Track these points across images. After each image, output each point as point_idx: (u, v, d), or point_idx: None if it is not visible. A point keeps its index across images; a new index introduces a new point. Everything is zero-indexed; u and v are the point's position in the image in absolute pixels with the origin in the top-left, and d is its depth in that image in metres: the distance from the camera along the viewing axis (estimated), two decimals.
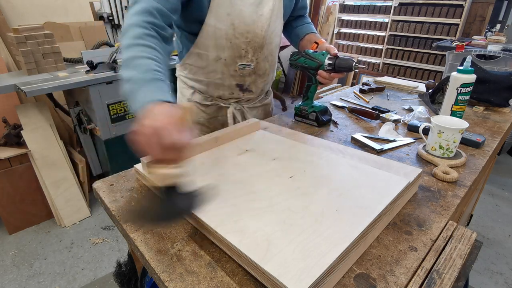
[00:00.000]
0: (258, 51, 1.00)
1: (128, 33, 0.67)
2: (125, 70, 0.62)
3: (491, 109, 1.22)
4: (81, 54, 2.17)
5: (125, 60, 0.64)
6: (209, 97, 1.06)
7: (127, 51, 0.64)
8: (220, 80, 1.02)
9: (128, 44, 0.65)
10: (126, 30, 0.68)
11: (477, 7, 3.39)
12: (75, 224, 2.09)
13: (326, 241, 0.48)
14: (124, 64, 0.64)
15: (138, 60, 0.63)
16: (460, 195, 0.68)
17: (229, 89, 1.05)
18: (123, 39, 0.67)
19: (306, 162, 0.73)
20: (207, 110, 1.09)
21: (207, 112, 1.09)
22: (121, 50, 0.66)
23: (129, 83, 0.60)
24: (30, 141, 1.91)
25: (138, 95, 0.57)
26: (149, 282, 0.84)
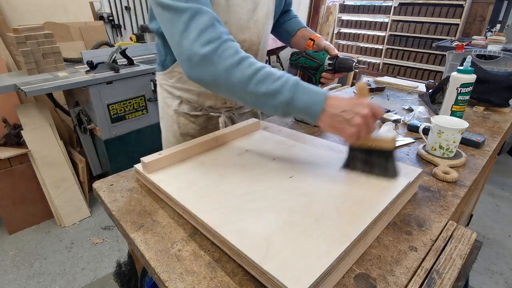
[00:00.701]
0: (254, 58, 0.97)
1: (226, 53, 0.62)
2: (263, 83, 0.60)
3: (491, 109, 1.22)
4: (81, 54, 2.17)
5: (252, 75, 0.60)
6: (199, 107, 0.99)
7: (243, 68, 0.61)
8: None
9: (235, 62, 0.61)
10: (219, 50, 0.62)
11: (477, 7, 3.39)
12: (75, 224, 2.09)
13: (326, 241, 0.48)
14: (237, 60, 0.61)
15: (266, 70, 0.61)
16: (460, 195, 0.68)
17: (223, 98, 0.99)
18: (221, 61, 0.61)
19: (306, 162, 0.73)
20: (197, 121, 1.01)
21: (197, 122, 1.01)
22: (228, 71, 0.61)
23: (271, 79, 0.60)
24: (30, 141, 1.91)
25: (306, 96, 0.59)
26: (149, 282, 0.84)
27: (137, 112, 2.16)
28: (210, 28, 0.63)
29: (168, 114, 1.01)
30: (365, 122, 0.60)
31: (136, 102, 2.13)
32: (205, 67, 0.62)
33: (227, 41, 0.63)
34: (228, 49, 0.62)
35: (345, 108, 0.59)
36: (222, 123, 1.02)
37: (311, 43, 0.99)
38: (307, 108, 0.60)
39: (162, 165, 0.72)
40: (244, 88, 0.61)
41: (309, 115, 0.61)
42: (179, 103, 0.98)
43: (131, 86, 2.07)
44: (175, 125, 1.01)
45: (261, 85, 0.60)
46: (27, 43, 1.90)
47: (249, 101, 0.63)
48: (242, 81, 0.61)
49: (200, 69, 0.63)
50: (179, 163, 0.74)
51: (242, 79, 0.61)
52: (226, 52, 0.61)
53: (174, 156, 0.74)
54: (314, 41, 0.99)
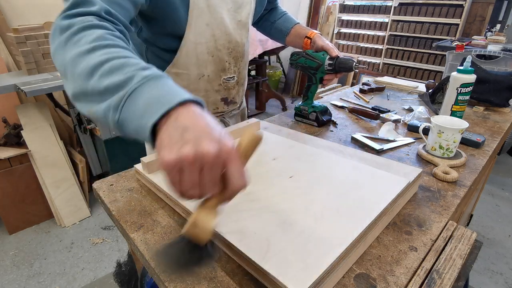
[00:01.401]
0: (240, 60, 0.92)
1: (81, 38, 0.47)
2: (96, 53, 0.44)
3: (491, 109, 1.22)
4: None
5: (91, 43, 0.46)
6: None
7: (84, 57, 0.45)
8: (204, 97, 0.91)
9: (85, 50, 0.46)
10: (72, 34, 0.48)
11: (477, 7, 3.39)
12: (75, 224, 2.09)
13: (326, 241, 0.48)
14: (89, 48, 0.45)
15: (116, 48, 0.46)
16: (460, 195, 0.68)
17: (214, 104, 0.96)
18: (69, 46, 0.47)
19: (306, 162, 0.73)
20: None
21: None
22: (69, 60, 0.46)
23: (112, 93, 0.41)
24: (30, 141, 1.91)
25: (148, 95, 0.39)
26: (149, 282, 0.84)
27: None
28: (80, 14, 0.52)
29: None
30: (194, 160, 0.33)
31: None
32: (57, 55, 0.49)
33: (92, 27, 0.49)
34: (88, 35, 0.47)
35: (186, 126, 0.36)
36: None
37: (308, 42, 0.98)
38: (147, 109, 0.38)
39: None
40: (86, 81, 0.43)
41: (145, 119, 0.38)
42: None
43: None
44: None
45: (106, 77, 0.42)
46: (27, 43, 1.90)
47: (92, 99, 0.44)
48: (86, 71, 0.44)
49: (54, 57, 0.50)
50: None
51: (86, 68, 0.44)
52: (84, 38, 0.47)
53: None
54: (311, 39, 0.97)
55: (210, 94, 0.92)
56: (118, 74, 0.41)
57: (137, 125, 0.38)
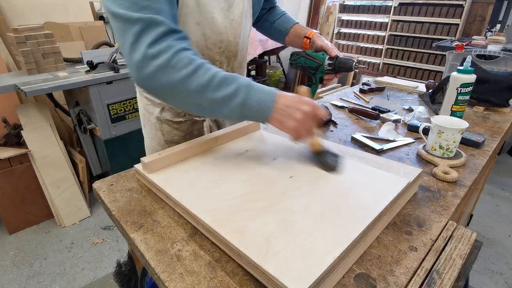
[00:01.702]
0: (233, 59, 0.92)
1: (179, 63, 0.61)
2: (220, 89, 0.61)
3: (491, 109, 1.22)
4: (81, 54, 2.17)
5: (209, 82, 0.61)
6: (182, 112, 0.95)
7: (192, 78, 0.61)
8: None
9: (191, 71, 0.61)
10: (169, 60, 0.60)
11: (477, 7, 3.39)
12: (75, 224, 2.09)
13: (326, 241, 0.48)
14: (192, 70, 0.61)
15: (207, 65, 0.63)
16: (460, 195, 0.68)
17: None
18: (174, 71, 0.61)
19: (306, 162, 0.73)
20: (181, 127, 0.97)
21: (181, 129, 0.97)
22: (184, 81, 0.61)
23: (226, 83, 0.61)
24: (30, 141, 1.91)
25: (255, 96, 0.62)
26: (149, 282, 0.84)
27: (137, 112, 2.16)
28: (160, 40, 0.61)
29: (150, 122, 0.98)
30: (305, 118, 0.63)
31: (136, 102, 2.13)
32: (157, 79, 0.61)
33: (179, 52, 0.61)
34: (181, 60, 0.61)
35: (289, 104, 0.63)
36: (207, 127, 0.99)
37: (307, 42, 0.98)
38: (260, 108, 0.63)
39: (162, 165, 0.72)
40: (201, 95, 0.61)
41: (262, 113, 0.63)
42: (160, 110, 0.94)
43: (131, 86, 2.07)
44: (159, 133, 0.98)
45: (219, 91, 0.61)
46: (27, 43, 1.90)
47: (207, 107, 0.63)
48: (199, 88, 0.61)
49: (152, 81, 0.62)
50: (179, 163, 0.74)
51: (198, 87, 0.61)
52: (179, 63, 0.61)
53: (174, 156, 0.74)
54: (310, 39, 0.97)
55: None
56: (226, 87, 0.61)
57: (255, 119, 0.65)
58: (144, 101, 0.97)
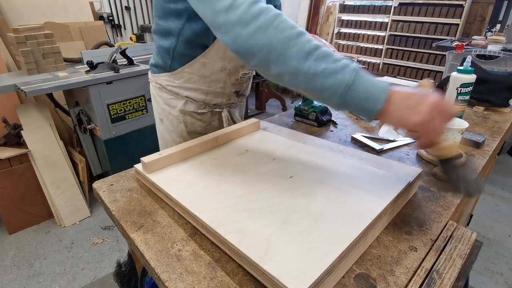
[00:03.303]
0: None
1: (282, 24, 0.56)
2: (323, 61, 0.55)
3: (491, 109, 1.22)
4: (81, 54, 2.17)
5: (312, 50, 0.55)
6: (203, 104, 1.01)
7: (295, 42, 0.55)
8: (221, 89, 0.99)
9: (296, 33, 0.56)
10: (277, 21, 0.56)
11: (477, 7, 3.39)
12: (75, 224, 2.09)
13: (326, 241, 0.48)
14: (315, 55, 0.55)
15: (325, 49, 0.56)
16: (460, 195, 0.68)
17: (228, 96, 1.02)
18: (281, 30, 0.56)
19: (306, 162, 0.73)
20: (203, 118, 1.04)
21: (203, 120, 1.04)
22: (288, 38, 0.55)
23: (344, 72, 0.54)
24: (30, 141, 1.91)
25: (368, 83, 0.55)
26: (149, 282, 0.84)
27: (137, 112, 2.16)
28: (260, 1, 0.58)
29: (172, 115, 1.02)
30: (432, 112, 0.52)
31: (136, 102, 2.13)
32: (258, 38, 0.56)
33: (281, 15, 0.57)
34: (284, 21, 0.57)
35: (409, 96, 0.53)
36: (225, 117, 1.05)
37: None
38: (370, 95, 0.54)
39: (162, 165, 0.72)
40: (302, 62, 0.55)
41: (371, 103, 0.54)
42: (184, 102, 0.99)
43: (131, 86, 2.07)
44: (181, 125, 1.02)
45: (321, 62, 0.54)
46: (27, 43, 1.90)
47: (302, 79, 0.56)
48: (301, 54, 0.55)
49: (252, 40, 0.57)
50: (179, 163, 0.74)
51: (300, 52, 0.55)
52: (283, 23, 0.56)
53: (174, 156, 0.74)
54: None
55: (227, 86, 0.99)
56: (330, 62, 0.54)
57: (362, 108, 0.55)
58: (165, 96, 1.01)
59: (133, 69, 2.09)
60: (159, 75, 0.99)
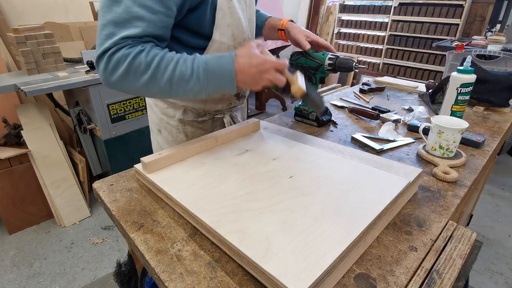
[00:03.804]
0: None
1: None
2: (159, 77, 0.66)
3: (491, 109, 1.22)
4: (81, 54, 2.17)
5: (148, 68, 0.65)
6: (203, 112, 0.97)
7: (153, 84, 0.67)
8: (221, 95, 0.95)
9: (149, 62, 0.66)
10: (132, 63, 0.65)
11: (477, 7, 3.39)
12: (75, 224, 2.09)
13: (326, 241, 0.48)
14: (150, 75, 0.66)
15: (163, 57, 0.67)
16: (460, 195, 0.68)
17: (228, 101, 0.99)
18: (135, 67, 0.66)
19: (306, 162, 0.73)
20: (205, 126, 1.00)
21: (205, 128, 1.00)
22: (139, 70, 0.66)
23: (185, 76, 0.67)
24: (30, 141, 1.91)
25: (216, 80, 0.68)
26: (149, 282, 0.84)
27: (137, 112, 2.16)
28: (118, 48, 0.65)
29: (170, 125, 0.98)
30: (272, 76, 0.70)
31: (136, 102, 2.13)
32: (124, 84, 0.67)
33: (137, 56, 0.65)
34: (140, 64, 0.65)
35: (253, 71, 0.69)
36: (228, 123, 1.01)
37: (282, 33, 1.00)
38: (220, 87, 0.70)
39: (162, 165, 0.72)
40: (165, 94, 0.70)
41: (228, 89, 0.70)
42: (183, 111, 0.95)
43: None
44: (181, 135, 0.98)
45: (178, 87, 0.68)
46: (27, 43, 1.90)
47: (172, 98, 0.77)
48: (162, 91, 0.68)
49: (119, 86, 0.68)
50: (179, 163, 0.74)
51: (160, 89, 0.68)
52: (140, 67, 0.65)
53: (174, 156, 0.74)
54: (284, 30, 0.98)
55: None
56: (188, 82, 0.67)
57: (226, 92, 0.72)
58: (162, 106, 0.97)
59: None
60: None
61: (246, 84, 0.70)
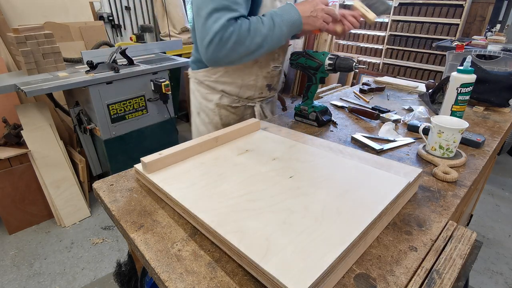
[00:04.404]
0: (285, 52, 1.12)
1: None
2: (251, 36, 0.85)
3: (491, 109, 1.22)
4: (81, 54, 2.17)
5: (245, 34, 0.84)
6: (237, 98, 1.11)
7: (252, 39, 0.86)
8: (254, 81, 1.08)
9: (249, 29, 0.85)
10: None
11: (477, 7, 3.39)
12: (75, 224, 2.09)
13: (326, 241, 0.48)
14: (245, 36, 0.84)
15: (250, 25, 0.85)
16: (460, 195, 0.68)
17: (260, 89, 1.11)
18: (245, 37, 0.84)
19: (306, 162, 0.73)
20: (237, 111, 1.13)
21: (237, 113, 1.13)
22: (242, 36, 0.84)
23: (268, 29, 0.86)
24: (30, 141, 1.91)
25: (286, 23, 0.88)
26: (149, 282, 0.84)
27: (137, 112, 2.16)
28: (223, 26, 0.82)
29: (208, 108, 1.12)
30: (325, 15, 0.90)
31: (136, 102, 2.13)
32: (238, 54, 0.87)
33: (238, 26, 0.83)
34: (241, 34, 0.83)
35: (309, 13, 0.89)
36: (258, 111, 1.15)
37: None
38: (295, 27, 0.89)
39: (162, 165, 0.72)
40: (269, 42, 0.88)
41: (298, 28, 0.90)
42: (220, 97, 1.09)
43: (131, 86, 2.07)
44: (216, 118, 1.12)
45: (265, 41, 0.87)
46: (27, 43, 1.90)
47: (265, 51, 0.90)
48: (257, 46, 0.87)
49: (229, 56, 0.87)
50: (179, 163, 0.74)
51: (257, 45, 0.87)
52: (241, 36, 0.83)
53: (174, 156, 0.74)
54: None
55: (259, 79, 1.09)
56: (269, 36, 0.87)
57: (297, 31, 0.93)
58: (203, 91, 1.12)
59: (133, 69, 2.09)
60: (197, 71, 1.10)
61: (308, 18, 0.89)
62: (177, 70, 3.17)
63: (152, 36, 3.71)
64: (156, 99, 2.23)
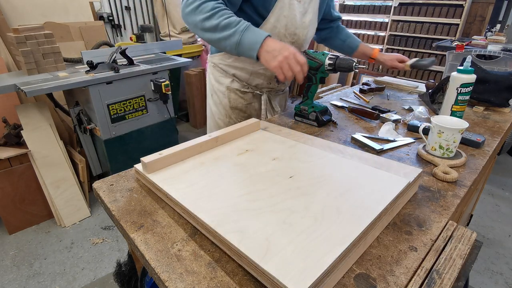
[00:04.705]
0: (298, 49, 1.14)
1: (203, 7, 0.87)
2: (214, 18, 0.86)
3: (491, 109, 1.22)
4: (81, 54, 2.17)
5: (210, 11, 0.87)
6: (247, 85, 1.20)
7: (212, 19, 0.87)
8: (264, 70, 1.16)
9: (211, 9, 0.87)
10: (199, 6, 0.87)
11: (477, 7, 3.39)
12: (75, 224, 2.09)
13: (326, 241, 0.48)
14: (209, 15, 0.86)
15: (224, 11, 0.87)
16: (460, 195, 0.68)
17: (269, 79, 1.19)
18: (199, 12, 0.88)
19: (306, 162, 0.73)
20: (245, 97, 1.22)
21: (245, 98, 1.23)
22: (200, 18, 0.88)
23: (229, 27, 0.86)
24: (30, 141, 1.91)
25: (248, 35, 0.84)
26: (149, 282, 0.84)
27: (137, 112, 2.16)
28: None
29: (220, 91, 1.22)
30: (285, 61, 0.82)
31: (136, 102, 2.13)
32: (190, 17, 0.91)
33: (206, 1, 0.87)
34: (206, 7, 0.87)
35: (274, 49, 0.83)
36: (264, 100, 1.24)
37: (372, 60, 1.32)
38: (250, 47, 0.85)
39: (162, 165, 0.72)
40: (213, 33, 0.88)
41: (251, 52, 0.85)
42: (231, 80, 1.19)
43: (131, 86, 2.07)
44: (225, 100, 1.22)
45: (223, 32, 0.86)
46: (27, 43, 1.90)
47: (217, 43, 0.89)
48: (211, 28, 0.88)
49: (188, 18, 0.91)
50: (179, 163, 0.74)
51: (210, 27, 0.87)
52: (204, 9, 0.87)
53: (174, 156, 0.74)
54: (375, 59, 1.30)
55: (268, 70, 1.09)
56: (228, 30, 0.86)
57: (248, 55, 0.87)
58: (217, 74, 1.22)
59: (133, 69, 2.09)
60: (214, 55, 1.20)
61: (268, 54, 0.83)
62: (177, 70, 3.17)
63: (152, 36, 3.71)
64: (156, 99, 2.23)
